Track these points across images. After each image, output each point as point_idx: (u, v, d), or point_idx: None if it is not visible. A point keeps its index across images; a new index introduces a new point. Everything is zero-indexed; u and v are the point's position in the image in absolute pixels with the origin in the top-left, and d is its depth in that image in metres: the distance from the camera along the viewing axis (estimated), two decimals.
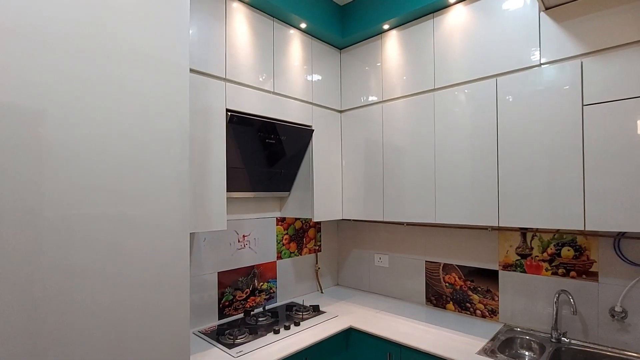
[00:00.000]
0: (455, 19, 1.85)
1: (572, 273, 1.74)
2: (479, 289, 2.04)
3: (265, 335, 1.75)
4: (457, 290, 2.13)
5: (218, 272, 1.98)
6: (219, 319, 1.97)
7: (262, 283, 2.20)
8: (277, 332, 1.77)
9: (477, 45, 1.77)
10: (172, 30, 1.24)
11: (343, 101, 2.38)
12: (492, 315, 1.99)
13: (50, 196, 0.96)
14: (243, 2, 1.81)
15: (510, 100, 1.65)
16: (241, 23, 1.80)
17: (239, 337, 1.71)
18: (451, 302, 2.15)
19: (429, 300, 2.26)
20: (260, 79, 1.88)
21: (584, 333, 1.69)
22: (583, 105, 1.46)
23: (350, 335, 1.94)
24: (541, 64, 1.58)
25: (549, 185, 1.53)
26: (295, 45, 2.09)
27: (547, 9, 1.56)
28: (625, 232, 1.57)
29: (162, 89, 1.21)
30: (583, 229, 1.44)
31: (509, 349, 1.75)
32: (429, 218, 1.91)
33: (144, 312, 1.13)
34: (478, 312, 2.04)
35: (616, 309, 1.59)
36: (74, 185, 1.00)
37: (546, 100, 1.55)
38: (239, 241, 2.09)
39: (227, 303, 2.01)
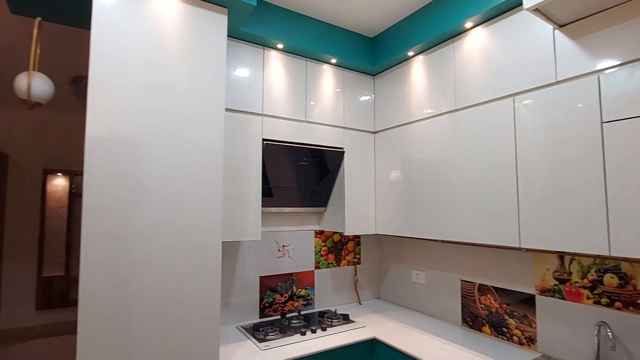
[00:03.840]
0: (473, 42, 1.89)
1: (617, 304, 1.57)
2: (516, 313, 1.94)
3: (293, 335, 1.97)
4: (492, 313, 2.05)
5: (260, 276, 2.28)
6: (259, 318, 2.26)
7: (300, 289, 2.43)
8: (303, 333, 1.98)
9: (494, 66, 1.77)
10: (213, 79, 1.61)
11: (377, 123, 2.52)
12: (529, 343, 1.87)
13: (123, 206, 1.36)
14: (278, 49, 2.14)
15: (528, 118, 1.61)
16: (277, 66, 2.13)
17: (270, 334, 1.96)
18: (487, 325, 2.07)
19: (465, 321, 2.20)
20: (293, 111, 2.16)
21: None
22: (602, 122, 1.38)
23: (375, 347, 2.03)
24: (558, 82, 1.53)
25: (571, 206, 1.45)
26: (327, 77, 2.34)
27: (561, 26, 1.51)
28: None
29: (204, 125, 1.58)
30: (608, 253, 1.34)
31: None
32: (452, 236, 1.92)
33: (184, 303, 1.48)
34: (515, 338, 1.94)
35: None
36: (140, 199, 1.40)
37: (564, 118, 1.49)
38: (278, 250, 2.37)
39: (267, 304, 2.29)
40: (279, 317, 2.30)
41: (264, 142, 2.02)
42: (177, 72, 1.53)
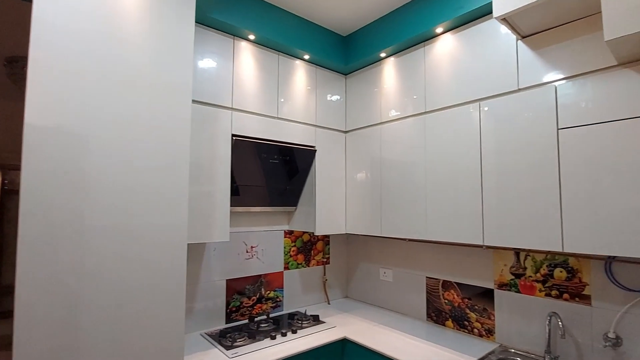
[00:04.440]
0: (442, 47, 1.96)
1: (565, 295, 1.71)
2: (476, 307, 2.05)
3: (263, 340, 1.91)
4: (455, 307, 2.15)
5: (227, 280, 2.19)
6: (225, 323, 2.17)
7: (268, 292, 2.38)
8: (274, 337, 1.93)
9: (462, 71, 1.85)
10: (178, 67, 1.49)
11: (348, 122, 2.54)
12: (488, 335, 1.99)
13: (68, 207, 1.22)
14: (249, 40, 2.06)
15: (492, 123, 1.71)
16: (248, 58, 2.05)
17: (237, 340, 1.89)
18: (450, 319, 2.17)
19: (429, 316, 2.29)
20: (264, 106, 2.10)
21: (577, 358, 1.65)
22: (558, 129, 1.49)
23: (345, 346, 2.04)
24: (519, 89, 1.63)
25: (530, 206, 1.55)
26: (300, 74, 2.31)
27: (523, 37, 1.62)
28: (615, 256, 1.53)
29: (168, 118, 1.46)
30: (561, 250, 1.46)
31: None
32: (420, 234, 1.98)
33: (145, 311, 1.36)
34: (475, 330, 2.05)
35: (609, 335, 1.55)
36: (88, 199, 1.26)
37: (525, 124, 1.59)
38: (247, 252, 2.29)
39: (234, 309, 2.21)
40: (246, 321, 2.23)
41: (234, 137, 1.94)
42: (138, 57, 1.39)
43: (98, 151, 1.28)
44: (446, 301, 2.20)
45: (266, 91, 2.12)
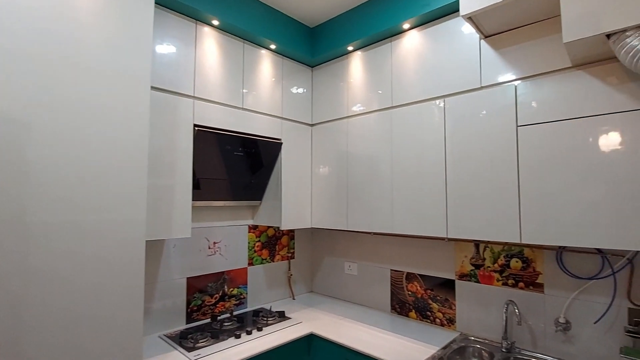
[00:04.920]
0: (409, 43, 1.98)
1: (521, 284, 1.81)
2: (438, 298, 2.12)
3: (227, 339, 1.84)
4: (418, 298, 2.21)
5: (187, 278, 2.08)
6: (186, 323, 2.06)
7: (232, 289, 2.30)
8: (238, 336, 1.86)
9: (428, 67, 1.88)
10: (136, 50, 1.37)
11: (314, 115, 2.50)
12: (449, 324, 2.06)
13: (9, 202, 1.08)
14: (213, 26, 1.95)
15: (456, 119, 1.75)
16: (211, 45, 1.94)
17: (200, 341, 1.80)
18: (413, 310, 2.23)
19: (393, 308, 2.33)
20: (229, 96, 2.01)
21: (532, 343, 1.75)
22: (517, 126, 1.56)
23: (312, 341, 2.02)
24: (482, 87, 1.68)
25: (491, 200, 1.62)
26: (266, 64, 2.23)
27: (486, 37, 1.67)
28: (565, 246, 1.64)
29: (124, 105, 1.34)
30: (520, 241, 1.53)
31: (460, 357, 1.81)
32: (387, 228, 2.00)
33: (100, 313, 1.24)
34: (437, 320, 2.11)
35: (560, 320, 1.66)
36: (33, 193, 1.12)
37: (487, 121, 1.65)
38: (209, 248, 2.19)
39: (195, 308, 2.11)
40: (209, 320, 2.13)
41: (196, 128, 1.83)
42: (92, 38, 1.27)
43: (45, 140, 1.16)
44: (410, 293, 2.25)
45: (230, 80, 2.02)
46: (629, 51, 1.14)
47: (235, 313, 2.26)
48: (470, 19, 1.55)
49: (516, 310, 1.71)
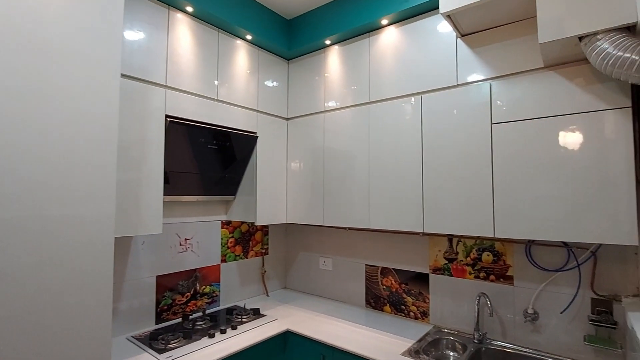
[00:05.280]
0: (387, 39, 1.98)
1: (492, 277, 1.88)
2: (413, 291, 2.15)
3: (200, 339, 1.77)
4: (393, 293, 2.23)
5: (157, 276, 1.98)
6: (156, 324, 1.97)
7: (204, 286, 2.22)
8: (212, 336, 1.80)
9: (405, 64, 1.90)
10: (105, 35, 1.27)
11: (290, 109, 2.46)
12: (423, 317, 2.10)
13: None
14: (187, 13, 1.86)
15: (433, 115, 1.78)
16: (184, 33, 1.84)
17: (171, 342, 1.72)
18: (388, 304, 2.25)
19: (368, 302, 2.35)
20: (203, 86, 1.92)
21: (502, 334, 1.82)
22: (492, 123, 1.60)
23: (288, 339, 1.99)
24: (458, 85, 1.72)
25: (466, 195, 1.65)
26: (241, 55, 2.15)
27: (463, 35, 1.70)
28: (534, 240, 1.71)
29: (92, 93, 1.24)
30: (493, 236, 1.58)
31: (435, 350, 1.85)
32: (364, 223, 2.00)
33: (64, 317, 1.14)
34: (412, 314, 2.15)
35: (529, 310, 1.73)
36: None
37: (463, 118, 1.68)
38: (180, 244, 2.10)
39: (165, 307, 2.01)
40: (180, 320, 2.04)
41: (168, 119, 1.73)
42: (55, 19, 1.16)
43: (3, 128, 1.04)
44: (384, 287, 2.27)
45: (204, 70, 1.94)
46: (600, 53, 1.19)
47: (207, 312, 2.18)
48: (448, 17, 1.57)
49: (488, 302, 1.77)
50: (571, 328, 1.63)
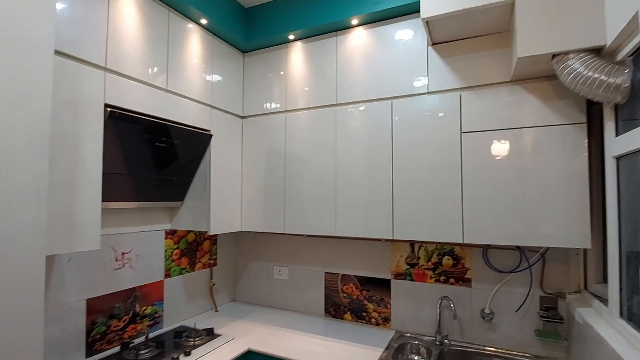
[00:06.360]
0: (357, 40, 1.93)
1: (452, 280, 1.94)
2: (374, 297, 2.13)
3: None
4: (354, 300, 2.19)
5: (87, 299, 1.63)
6: (86, 357, 1.62)
7: (145, 307, 1.91)
8: None
9: (375, 68, 1.86)
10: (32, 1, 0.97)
11: (245, 107, 2.26)
12: (385, 323, 2.10)
13: None
14: None
15: (404, 122, 1.77)
16: (129, 6, 1.54)
17: None
18: (348, 312, 2.20)
19: (327, 311, 2.27)
20: (150, 73, 1.63)
21: (461, 334, 1.89)
22: (462, 132, 1.65)
23: (248, 359, 1.80)
24: (429, 92, 1.73)
25: (436, 202, 1.67)
26: (195, 41, 1.90)
27: (434, 44, 1.72)
28: (490, 244, 1.81)
29: (17, 72, 0.93)
30: (462, 241, 1.62)
31: (401, 355, 1.85)
32: (330, 231, 1.92)
33: None
34: (373, 320, 2.13)
35: (485, 310, 1.82)
36: None
37: (433, 125, 1.70)
38: (116, 260, 1.77)
39: (98, 336, 1.67)
40: (118, 349, 1.71)
41: (108, 109, 1.43)
42: None
43: None
44: (345, 295, 2.22)
45: (153, 54, 1.65)
46: (571, 72, 1.28)
47: (151, 336, 1.88)
48: (427, 22, 1.56)
49: (451, 305, 1.82)
50: (523, 324, 1.76)
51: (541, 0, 1.33)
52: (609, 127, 1.33)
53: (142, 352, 1.67)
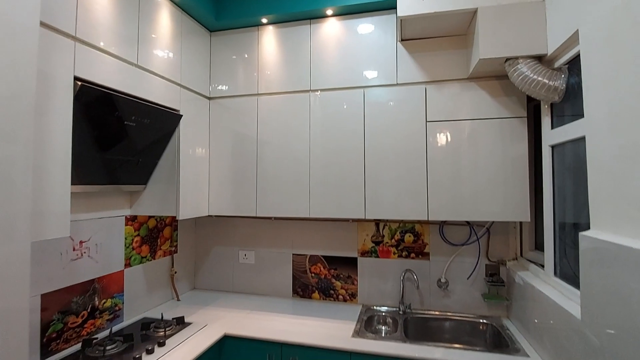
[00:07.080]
0: (330, 29, 2.00)
1: (412, 255, 2.15)
2: (342, 275, 2.26)
3: None
4: (322, 279, 2.29)
5: (42, 295, 1.46)
6: (42, 358, 1.45)
7: (104, 300, 1.76)
8: (138, 359, 1.45)
9: (348, 57, 1.96)
10: None
11: (212, 88, 2.18)
12: (352, 299, 2.23)
13: None
14: None
15: (375, 109, 1.90)
16: None
17: None
18: (317, 291, 2.29)
19: (295, 292, 2.33)
20: (122, 47, 1.50)
21: (421, 303, 2.11)
22: (427, 121, 1.83)
23: (225, 345, 1.79)
24: (398, 84, 1.89)
25: (404, 184, 1.84)
26: (164, 16, 1.78)
27: (402, 40, 1.88)
28: (445, 220, 2.04)
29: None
30: (427, 219, 1.81)
31: (370, 326, 2.00)
32: (304, 212, 1.98)
33: None
34: (340, 297, 2.25)
35: (441, 280, 2.06)
36: None
37: (402, 114, 1.86)
38: (74, 249, 1.60)
39: (54, 335, 1.50)
40: (79, 348, 1.56)
41: (78, 82, 1.28)
42: None
43: None
44: (313, 275, 2.30)
45: (123, 26, 1.52)
46: (520, 75, 1.52)
47: (115, 330, 1.74)
48: (401, 20, 1.69)
49: (414, 277, 2.03)
50: (472, 290, 2.04)
51: (498, 10, 1.55)
52: (546, 121, 1.61)
53: (110, 347, 1.54)
